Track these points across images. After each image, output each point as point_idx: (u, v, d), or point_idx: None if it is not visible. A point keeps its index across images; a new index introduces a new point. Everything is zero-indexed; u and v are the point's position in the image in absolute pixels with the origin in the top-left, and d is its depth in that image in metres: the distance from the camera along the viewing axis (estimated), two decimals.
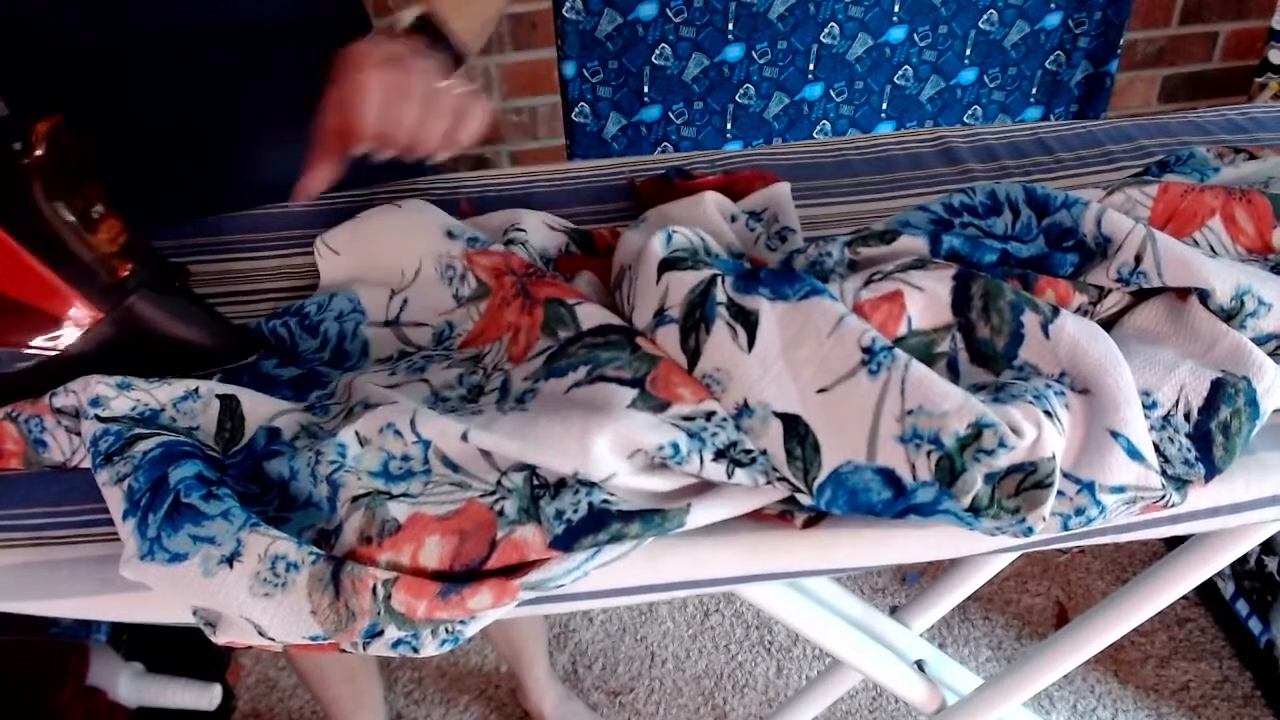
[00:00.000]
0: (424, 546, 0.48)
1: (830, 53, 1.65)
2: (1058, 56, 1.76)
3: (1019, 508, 0.49)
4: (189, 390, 0.56)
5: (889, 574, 1.64)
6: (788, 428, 0.51)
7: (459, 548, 0.48)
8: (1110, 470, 0.51)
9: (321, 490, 0.51)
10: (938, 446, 0.48)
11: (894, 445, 0.49)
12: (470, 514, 0.49)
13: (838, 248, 0.60)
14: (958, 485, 0.48)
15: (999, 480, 0.49)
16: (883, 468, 0.49)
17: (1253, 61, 1.87)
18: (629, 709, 1.47)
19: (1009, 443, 0.48)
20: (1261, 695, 1.44)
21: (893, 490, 0.49)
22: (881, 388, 0.50)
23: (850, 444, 0.50)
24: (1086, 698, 1.46)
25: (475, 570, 0.48)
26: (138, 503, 0.50)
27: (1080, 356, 0.53)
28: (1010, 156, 0.83)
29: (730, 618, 1.58)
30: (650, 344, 0.55)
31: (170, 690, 1.25)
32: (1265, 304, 0.56)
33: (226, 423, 0.56)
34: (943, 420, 0.48)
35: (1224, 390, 0.53)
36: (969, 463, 0.48)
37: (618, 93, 1.62)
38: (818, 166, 0.82)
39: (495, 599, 0.48)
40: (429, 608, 0.47)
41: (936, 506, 0.49)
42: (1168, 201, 0.63)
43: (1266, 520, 0.58)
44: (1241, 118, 0.86)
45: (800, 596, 0.79)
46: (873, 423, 0.49)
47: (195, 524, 0.49)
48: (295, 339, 0.66)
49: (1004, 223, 0.62)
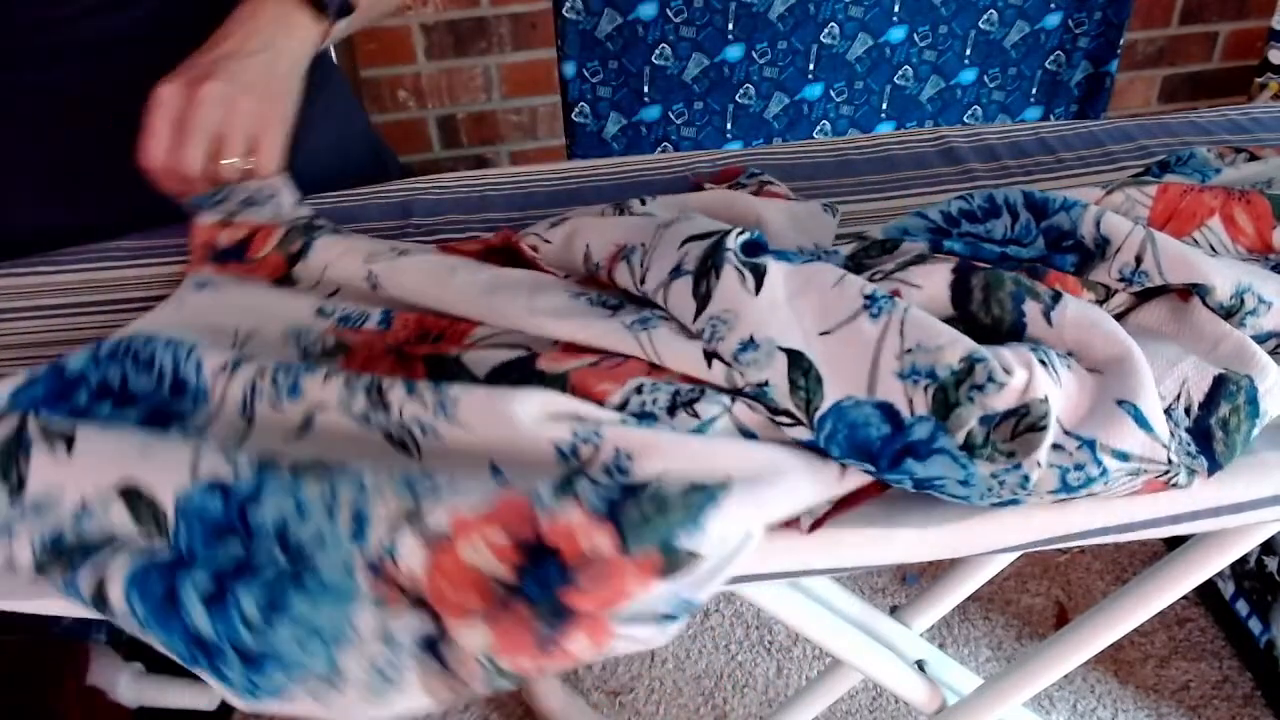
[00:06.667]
0: (488, 532, 0.47)
1: (830, 53, 1.65)
2: (1058, 56, 1.76)
3: (1014, 451, 0.49)
4: (76, 511, 0.50)
5: (889, 574, 1.64)
6: (792, 361, 0.51)
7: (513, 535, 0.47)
8: (1113, 433, 0.50)
9: (342, 520, 0.48)
10: (933, 379, 0.50)
11: (893, 380, 0.50)
12: (505, 507, 0.47)
13: (838, 260, 0.60)
14: (952, 419, 0.49)
15: (994, 426, 0.50)
16: (882, 402, 0.50)
17: (1253, 61, 1.87)
18: (629, 709, 1.47)
19: (998, 378, 0.49)
20: (1262, 695, 1.44)
21: (890, 425, 0.50)
22: (882, 329, 0.51)
23: (851, 380, 0.51)
24: (1087, 698, 1.46)
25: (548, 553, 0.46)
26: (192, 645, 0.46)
27: (1085, 338, 0.53)
28: (1011, 156, 0.83)
29: (730, 618, 1.58)
30: (551, 362, 0.54)
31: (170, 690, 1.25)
32: (1265, 302, 0.57)
33: (141, 512, 0.49)
34: (938, 354, 0.50)
35: (1225, 387, 0.53)
36: (963, 399, 0.49)
37: (618, 93, 1.62)
38: (818, 166, 0.82)
39: (592, 638, 0.46)
40: (534, 662, 0.46)
41: (932, 445, 0.49)
42: (1167, 201, 0.64)
43: (1267, 520, 0.58)
44: (1243, 118, 0.86)
45: (800, 596, 0.79)
46: (873, 360, 0.51)
47: (278, 656, 0.46)
48: (128, 381, 0.58)
49: (1003, 225, 0.62)
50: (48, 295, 0.70)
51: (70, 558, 0.48)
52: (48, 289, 0.71)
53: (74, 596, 0.48)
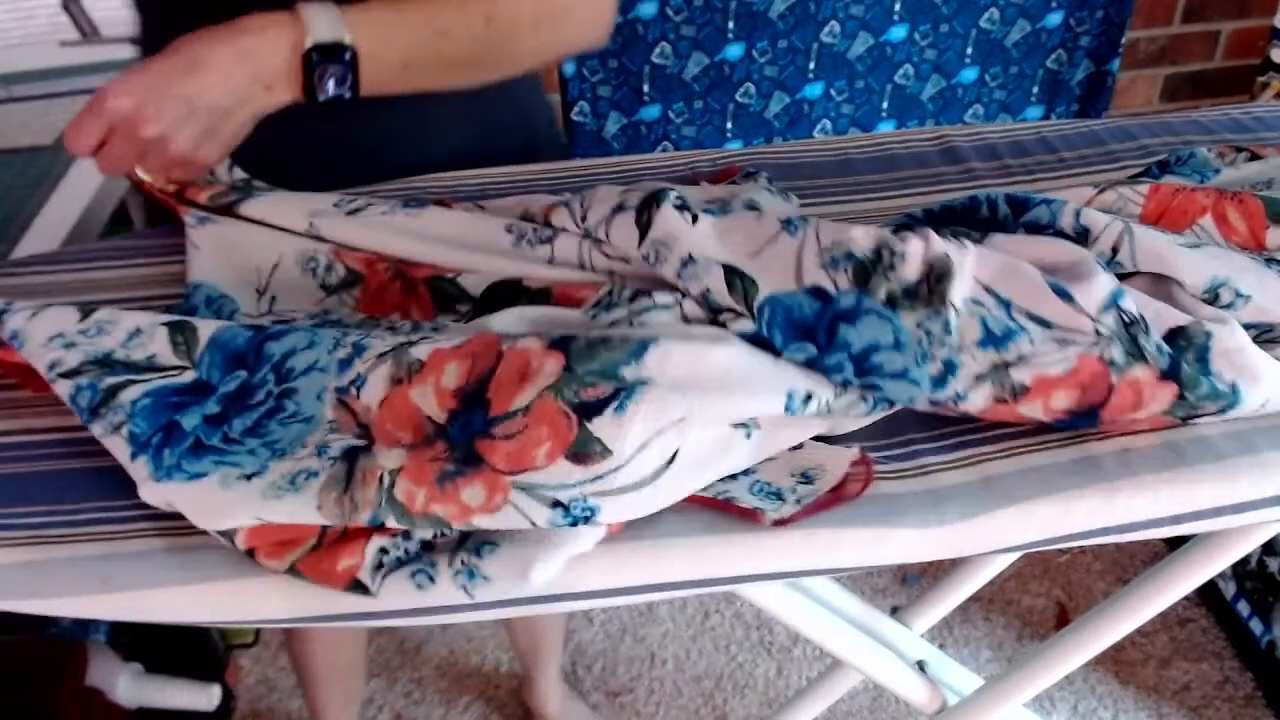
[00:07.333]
0: (444, 374, 0.52)
1: (831, 52, 1.65)
2: (1059, 55, 1.76)
3: (931, 300, 0.55)
4: (130, 332, 0.57)
5: (890, 574, 1.64)
6: (728, 271, 0.57)
7: (472, 366, 0.52)
8: (1029, 297, 0.55)
9: (340, 354, 0.55)
10: (851, 259, 0.56)
11: (817, 270, 0.56)
12: (477, 341, 0.53)
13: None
14: (872, 284, 0.55)
15: (913, 291, 0.55)
16: (811, 286, 0.56)
17: (1254, 60, 1.87)
18: (629, 709, 1.47)
19: (898, 249, 0.55)
20: (1262, 696, 1.44)
21: (821, 301, 0.55)
22: (801, 240, 0.57)
23: (781, 282, 0.57)
24: (1087, 698, 1.45)
25: (487, 381, 0.51)
26: (147, 442, 0.53)
27: (1017, 250, 0.58)
28: (1013, 155, 0.82)
29: (730, 618, 1.58)
30: (536, 280, 0.62)
31: (170, 690, 1.25)
32: (1243, 295, 0.57)
33: (179, 338, 0.57)
34: (851, 244, 0.56)
35: (1176, 341, 0.55)
36: (878, 274, 0.55)
37: (618, 92, 1.62)
38: (818, 165, 0.82)
39: (488, 493, 0.49)
40: (427, 497, 0.49)
41: (860, 308, 0.55)
42: (1159, 200, 0.64)
43: (1269, 520, 0.57)
44: (1245, 117, 0.86)
45: (800, 596, 0.78)
46: (797, 263, 0.57)
47: (220, 456, 0.52)
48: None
49: (983, 219, 0.64)
50: (46, 295, 0.70)
51: (111, 368, 0.56)
52: (48, 289, 0.71)
53: (84, 397, 0.55)
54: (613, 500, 0.49)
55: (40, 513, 0.55)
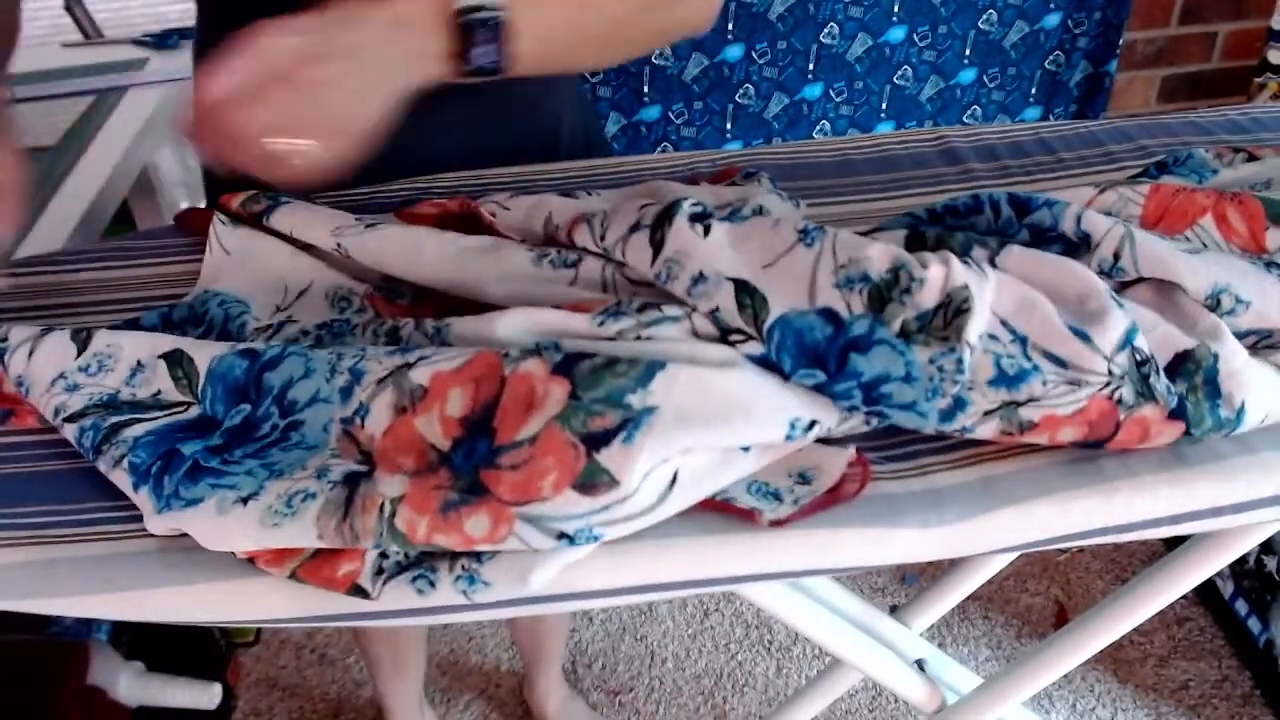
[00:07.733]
0: (448, 401, 0.51)
1: (830, 53, 1.65)
2: (1057, 56, 1.77)
3: (947, 335, 0.53)
4: (132, 368, 0.58)
5: (889, 574, 1.64)
6: (739, 287, 0.56)
7: (476, 392, 0.51)
8: (1045, 335, 0.54)
9: (339, 381, 0.54)
10: (866, 282, 0.54)
11: (831, 290, 0.54)
12: (479, 362, 0.52)
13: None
14: (887, 313, 0.53)
15: (929, 321, 0.53)
16: (823, 308, 0.54)
17: (1252, 61, 1.87)
18: (629, 709, 1.47)
19: (917, 274, 0.53)
20: (1261, 694, 1.45)
21: (833, 326, 0.54)
22: (817, 253, 0.56)
23: (793, 298, 0.55)
24: (1086, 697, 1.46)
25: (492, 408, 0.51)
26: (147, 472, 0.52)
27: (1030, 272, 0.57)
28: (1011, 156, 0.82)
29: (730, 617, 1.59)
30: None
31: (170, 689, 1.25)
32: (1243, 302, 0.57)
33: (178, 372, 0.57)
34: (868, 263, 0.54)
35: (1184, 365, 0.55)
36: (895, 300, 0.53)
37: (618, 92, 1.62)
38: (818, 166, 0.82)
39: (492, 524, 0.49)
40: (430, 526, 0.49)
41: (872, 337, 0.53)
42: (1159, 200, 0.64)
43: (1268, 520, 0.58)
44: (1243, 118, 0.86)
45: (800, 596, 0.79)
46: (811, 278, 0.55)
47: (216, 478, 0.52)
48: (184, 333, 0.63)
49: (986, 220, 0.64)
50: (48, 295, 0.71)
51: (118, 409, 0.56)
52: (48, 289, 0.71)
53: (88, 438, 0.55)
54: (617, 527, 0.50)
55: (42, 513, 0.55)
